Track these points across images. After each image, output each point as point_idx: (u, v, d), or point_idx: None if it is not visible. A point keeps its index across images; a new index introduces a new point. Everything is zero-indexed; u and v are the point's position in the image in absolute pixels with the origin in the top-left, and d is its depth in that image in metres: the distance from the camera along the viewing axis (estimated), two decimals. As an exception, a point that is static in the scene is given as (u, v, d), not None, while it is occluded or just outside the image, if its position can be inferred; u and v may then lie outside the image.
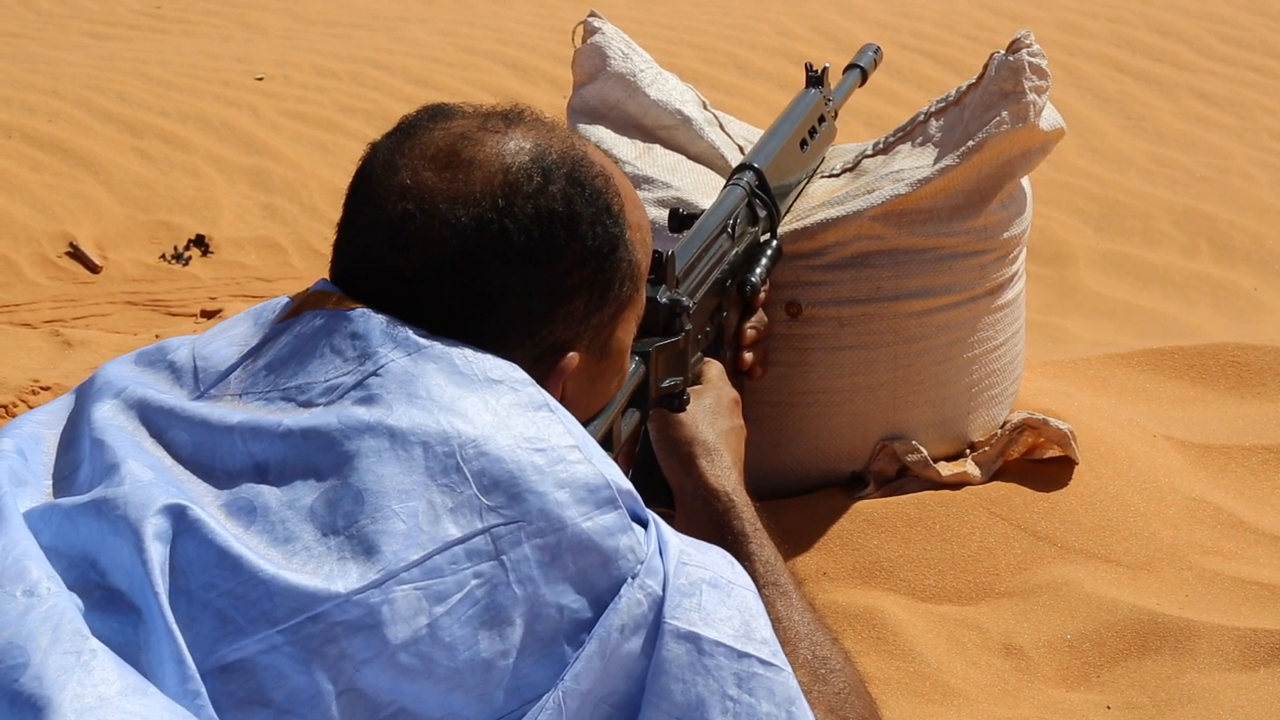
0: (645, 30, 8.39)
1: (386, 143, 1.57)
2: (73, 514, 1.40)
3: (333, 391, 1.45)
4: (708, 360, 2.16)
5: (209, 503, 1.40)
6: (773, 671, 1.45)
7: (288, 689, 1.33)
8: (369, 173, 1.56)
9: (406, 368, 1.45)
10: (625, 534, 1.43)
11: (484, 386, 1.45)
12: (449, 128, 1.56)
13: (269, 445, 1.42)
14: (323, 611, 1.34)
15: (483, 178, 1.52)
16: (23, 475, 1.46)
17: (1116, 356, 3.32)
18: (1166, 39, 8.47)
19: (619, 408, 1.79)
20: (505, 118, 1.58)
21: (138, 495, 1.38)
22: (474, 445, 1.41)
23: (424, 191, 1.52)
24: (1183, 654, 2.38)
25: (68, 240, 6.48)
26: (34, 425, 1.53)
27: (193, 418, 1.46)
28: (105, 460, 1.43)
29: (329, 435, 1.41)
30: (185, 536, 1.36)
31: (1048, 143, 2.65)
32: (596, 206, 1.56)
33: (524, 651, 1.38)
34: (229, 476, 1.42)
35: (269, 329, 1.53)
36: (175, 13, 9.65)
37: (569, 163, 1.56)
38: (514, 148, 1.54)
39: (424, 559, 1.37)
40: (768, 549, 1.93)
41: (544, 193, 1.53)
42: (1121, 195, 6.68)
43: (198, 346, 1.54)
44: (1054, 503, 2.64)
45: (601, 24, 2.89)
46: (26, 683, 1.28)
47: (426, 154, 1.54)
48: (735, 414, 2.09)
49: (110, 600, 1.36)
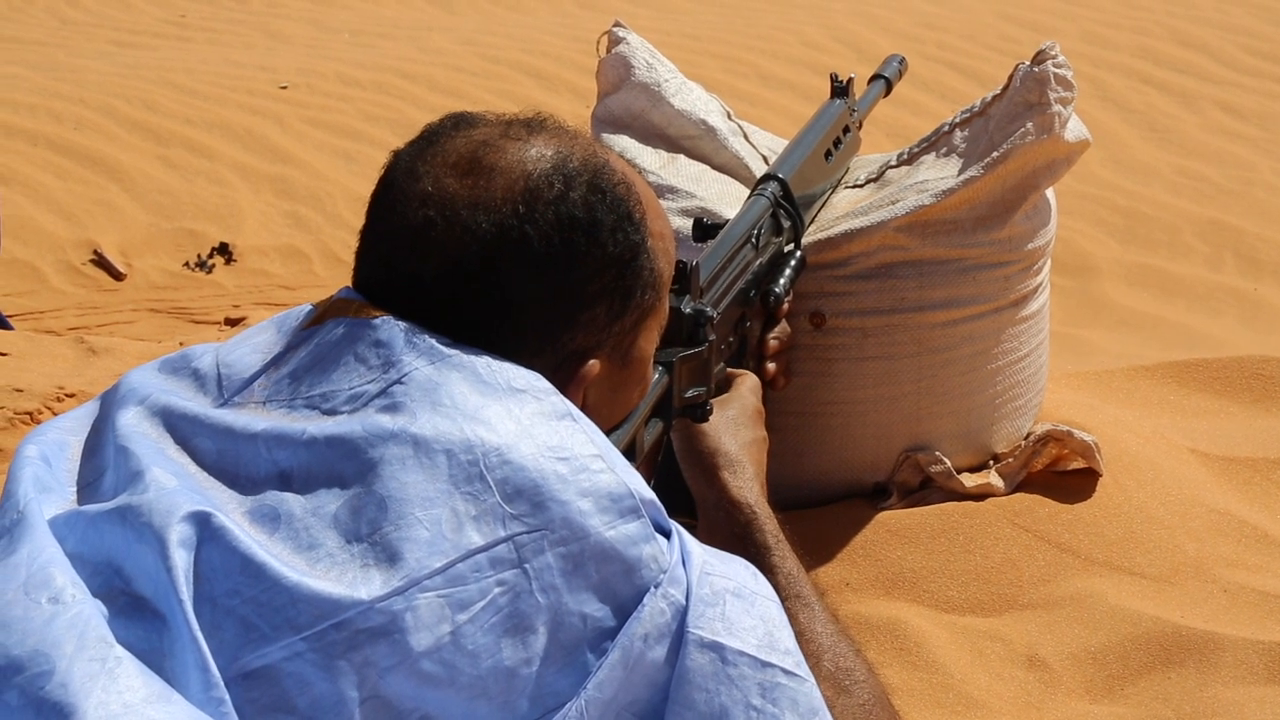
0: (669, 40, 8.40)
1: (409, 150, 1.58)
2: (97, 521, 1.40)
3: (357, 400, 1.45)
4: (743, 372, 2.15)
5: (233, 510, 1.40)
6: (796, 682, 1.45)
7: (311, 696, 1.33)
8: (391, 180, 1.57)
9: (430, 376, 1.45)
10: (648, 543, 1.43)
11: (507, 395, 1.46)
12: (471, 135, 1.56)
13: (293, 452, 1.43)
14: (346, 619, 1.34)
15: (504, 184, 1.52)
16: (47, 482, 1.47)
17: (1141, 369, 3.31)
18: (1191, 51, 8.45)
19: (642, 417, 1.78)
20: (528, 125, 1.58)
21: (162, 502, 1.38)
22: (497, 453, 1.41)
23: (445, 198, 1.52)
24: (1207, 667, 2.37)
25: (92, 248, 6.51)
26: (58, 432, 1.54)
27: (217, 425, 1.46)
28: (130, 467, 1.44)
29: (353, 443, 1.42)
30: (209, 544, 1.36)
31: (1072, 154, 2.64)
32: (618, 214, 1.56)
33: (547, 660, 1.38)
34: (253, 483, 1.43)
35: (292, 336, 1.53)
36: (200, 21, 9.69)
37: (590, 170, 1.56)
38: (535, 155, 1.54)
39: (447, 566, 1.37)
40: (790, 561, 1.93)
41: (565, 199, 1.53)
42: (1146, 207, 6.66)
43: (221, 354, 1.54)
44: (1078, 515, 2.63)
45: (626, 34, 2.89)
46: (52, 690, 1.28)
47: (448, 161, 1.54)
48: (758, 425, 2.09)
49: (135, 607, 1.37)
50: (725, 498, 1.99)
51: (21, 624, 1.32)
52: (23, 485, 1.45)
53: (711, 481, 2.00)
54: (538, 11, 9.98)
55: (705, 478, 2.01)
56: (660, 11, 9.72)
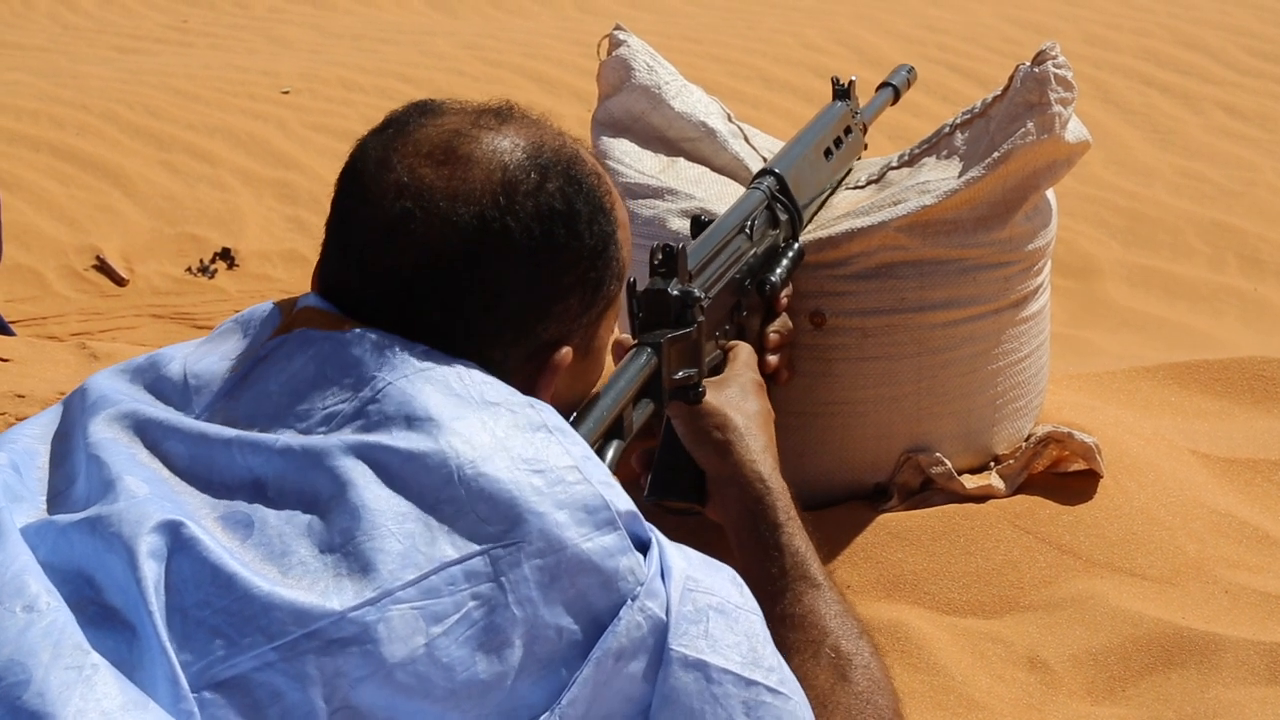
0: (670, 44, 8.41)
1: (376, 140, 1.55)
2: (68, 531, 1.39)
3: (331, 419, 1.44)
4: (736, 343, 2.14)
5: (205, 515, 1.40)
6: (780, 700, 1.45)
7: (282, 706, 1.32)
8: (361, 170, 1.54)
9: (404, 389, 1.44)
10: (625, 555, 1.42)
11: (481, 408, 1.45)
12: (441, 124, 1.54)
13: (267, 460, 1.42)
14: (318, 629, 1.33)
15: (481, 175, 1.51)
16: (18, 491, 1.45)
17: (1142, 370, 3.31)
18: (1193, 52, 8.45)
19: (629, 396, 1.78)
20: (497, 114, 1.57)
21: (132, 512, 1.37)
22: (472, 466, 1.40)
23: (422, 189, 1.50)
24: (1208, 668, 2.37)
25: (95, 253, 6.51)
26: (28, 440, 1.52)
27: (190, 431, 1.45)
28: (102, 477, 1.42)
29: (327, 453, 1.41)
30: (180, 554, 1.35)
31: (1073, 155, 2.64)
32: (592, 205, 1.56)
33: (522, 673, 1.37)
34: (226, 489, 1.42)
35: (260, 347, 1.51)
36: (202, 27, 9.70)
37: (564, 160, 1.55)
38: (509, 145, 1.53)
39: (420, 579, 1.36)
40: (799, 539, 1.91)
41: (542, 190, 1.52)
42: (1148, 208, 6.66)
43: (189, 363, 1.52)
44: (1079, 516, 2.63)
45: (627, 37, 2.90)
46: (29, 699, 1.27)
47: (421, 151, 1.52)
48: (761, 397, 2.08)
49: (105, 617, 1.36)
50: (738, 471, 1.96)
51: None
52: None
53: (725, 456, 1.98)
54: (539, 15, 9.99)
55: (718, 452, 1.98)
56: (661, 14, 9.73)
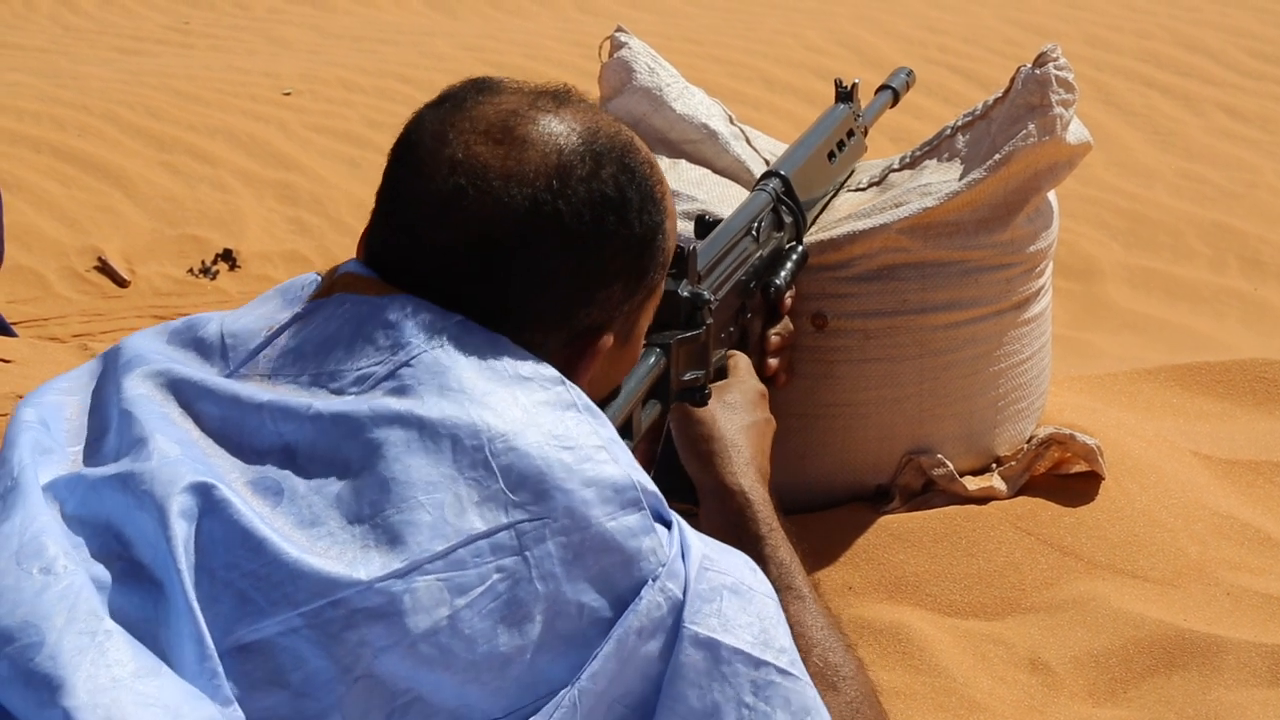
0: (672, 45, 8.41)
1: (434, 114, 1.54)
2: (98, 485, 1.40)
3: (364, 381, 1.45)
4: (734, 353, 2.15)
5: (235, 479, 1.40)
6: (790, 680, 1.45)
7: (305, 672, 1.33)
8: (417, 141, 1.53)
9: (438, 359, 1.44)
10: (648, 535, 1.42)
11: (514, 382, 1.45)
12: (498, 103, 1.53)
13: (298, 427, 1.42)
14: (344, 597, 1.34)
15: (537, 157, 1.50)
16: (46, 444, 1.46)
17: (1144, 371, 3.31)
18: (1194, 54, 8.45)
19: (638, 397, 1.79)
20: (555, 97, 1.56)
21: (165, 472, 1.38)
22: (503, 440, 1.41)
23: (477, 167, 1.49)
24: (1210, 670, 2.37)
25: (96, 254, 6.51)
26: (55, 394, 1.53)
27: (223, 393, 1.45)
28: (133, 433, 1.43)
29: (358, 422, 1.41)
30: (210, 516, 1.36)
31: (1074, 157, 2.64)
32: (643, 194, 1.56)
33: (542, 648, 1.38)
34: (256, 454, 1.42)
35: (300, 308, 1.51)
36: (203, 28, 9.70)
37: (619, 148, 1.55)
38: (565, 129, 1.52)
39: (448, 551, 1.37)
40: (783, 550, 1.92)
41: (596, 177, 1.52)
42: (1149, 210, 6.66)
43: (226, 323, 1.53)
44: (1080, 518, 2.63)
45: (628, 39, 2.90)
46: (41, 662, 1.28)
47: (478, 128, 1.51)
48: (760, 407, 2.08)
49: (132, 573, 1.37)
50: (719, 484, 1.98)
51: (13, 594, 1.32)
52: (18, 452, 1.44)
53: (706, 467, 2.00)
54: (539, 16, 9.99)
55: (700, 463, 2.00)
56: (662, 16, 9.73)
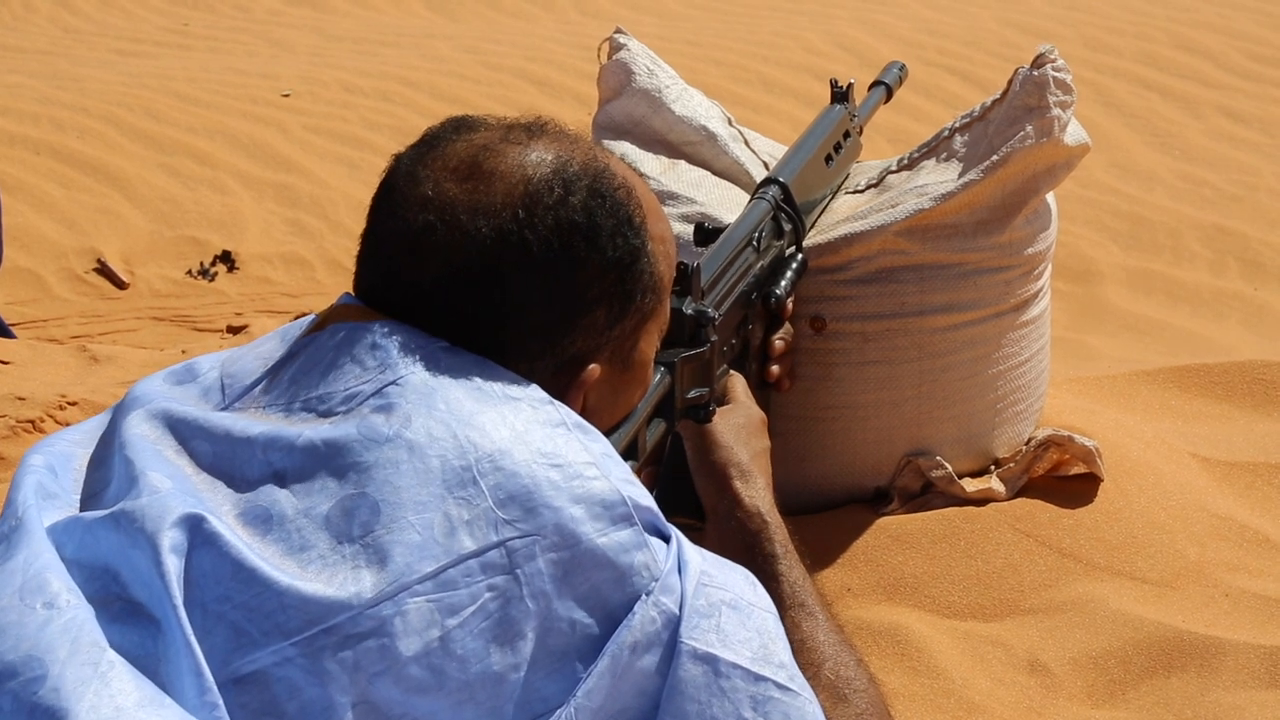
0: (671, 47, 8.41)
1: (410, 155, 1.58)
2: (94, 527, 1.41)
3: (351, 400, 1.46)
4: (732, 374, 2.15)
5: (226, 511, 1.41)
6: (789, 696, 1.45)
7: (300, 701, 1.34)
8: (392, 184, 1.57)
9: (426, 380, 1.46)
10: (640, 550, 1.43)
11: (502, 402, 1.46)
12: (472, 140, 1.57)
13: (287, 454, 1.44)
14: (336, 624, 1.35)
15: (504, 189, 1.53)
16: (51, 489, 1.48)
17: (1142, 373, 3.31)
18: (1193, 56, 8.45)
19: (644, 417, 1.79)
20: (528, 130, 1.59)
21: (154, 508, 1.39)
22: (490, 459, 1.42)
23: (445, 203, 1.53)
24: (1208, 672, 2.37)
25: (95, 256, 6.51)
26: (66, 444, 1.55)
27: (215, 429, 1.47)
28: (129, 474, 1.45)
29: (347, 445, 1.43)
30: (201, 549, 1.37)
31: (1072, 158, 2.64)
32: (617, 218, 1.57)
33: (535, 666, 1.38)
34: (248, 484, 1.44)
35: (294, 344, 1.54)
36: (202, 30, 9.70)
37: (590, 174, 1.56)
38: (535, 159, 1.55)
39: (438, 571, 1.37)
40: (796, 570, 1.93)
41: (564, 204, 1.53)
42: (1149, 212, 6.66)
43: (226, 365, 1.56)
44: (1079, 519, 2.63)
45: (627, 40, 2.90)
46: (45, 695, 1.29)
47: (449, 165, 1.55)
48: (764, 434, 2.10)
49: (131, 612, 1.38)
50: (738, 508, 1.98)
51: (16, 629, 1.33)
52: (23, 492, 1.46)
53: (724, 492, 2.00)
54: (539, 18, 9.99)
55: (717, 488, 2.00)
56: (661, 18, 9.73)
